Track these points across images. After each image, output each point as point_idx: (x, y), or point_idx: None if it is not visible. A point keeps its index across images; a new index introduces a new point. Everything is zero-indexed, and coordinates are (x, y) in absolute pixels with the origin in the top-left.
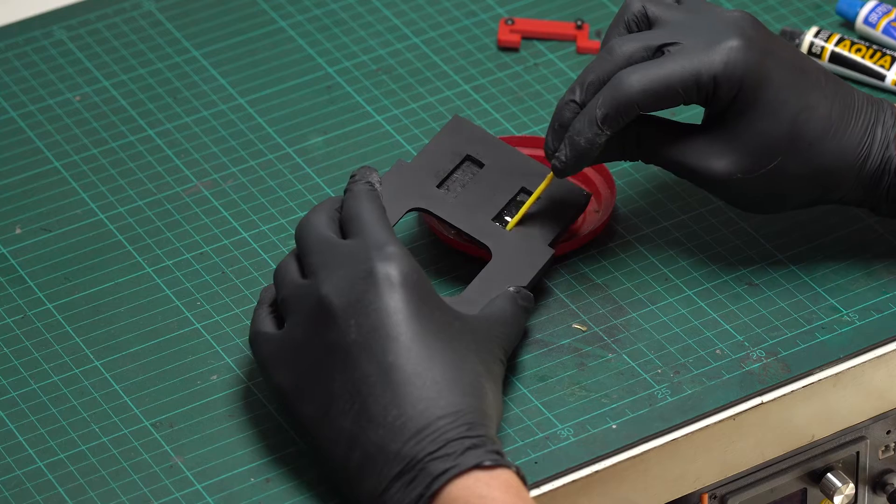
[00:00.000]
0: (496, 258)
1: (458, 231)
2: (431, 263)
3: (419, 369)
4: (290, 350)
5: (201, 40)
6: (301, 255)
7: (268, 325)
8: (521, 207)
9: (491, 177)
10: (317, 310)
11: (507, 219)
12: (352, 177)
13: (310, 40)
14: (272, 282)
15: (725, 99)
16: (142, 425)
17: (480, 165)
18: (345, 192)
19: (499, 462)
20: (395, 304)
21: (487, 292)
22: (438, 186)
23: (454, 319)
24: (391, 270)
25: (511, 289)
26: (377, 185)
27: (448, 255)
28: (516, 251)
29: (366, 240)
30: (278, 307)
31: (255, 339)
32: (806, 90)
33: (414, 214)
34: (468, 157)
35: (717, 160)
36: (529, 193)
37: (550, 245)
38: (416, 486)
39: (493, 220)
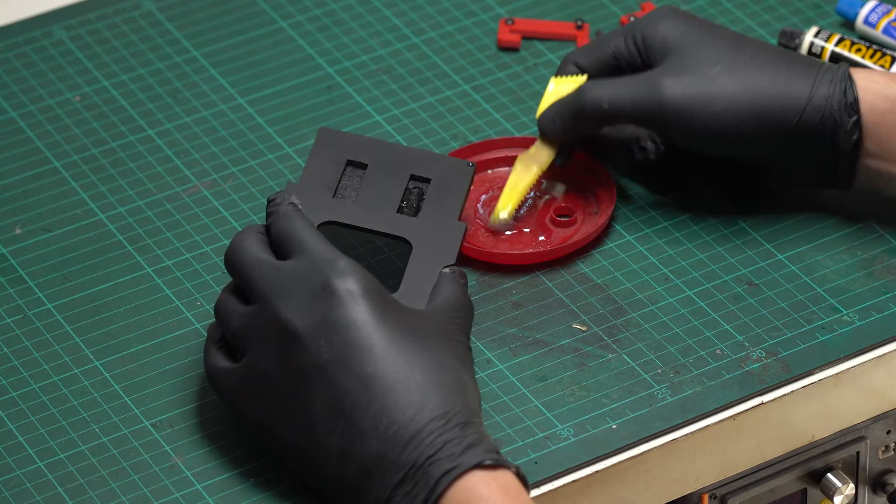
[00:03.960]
0: (417, 247)
1: (377, 234)
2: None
3: (400, 376)
4: (255, 381)
5: (201, 40)
6: (242, 284)
7: (222, 360)
8: (420, 197)
9: (378, 174)
10: (279, 336)
11: (406, 211)
12: (270, 201)
13: (310, 40)
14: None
15: (658, 49)
16: (142, 425)
17: (363, 167)
18: (268, 215)
19: (498, 461)
20: (362, 317)
21: (422, 280)
22: (333, 197)
23: (419, 320)
24: (350, 284)
25: (446, 270)
26: (299, 205)
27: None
28: (432, 235)
29: (312, 258)
30: (229, 341)
31: (214, 375)
32: (741, 37)
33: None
34: (349, 163)
35: (666, 82)
36: (421, 179)
37: (459, 220)
38: (419, 492)
39: (396, 212)
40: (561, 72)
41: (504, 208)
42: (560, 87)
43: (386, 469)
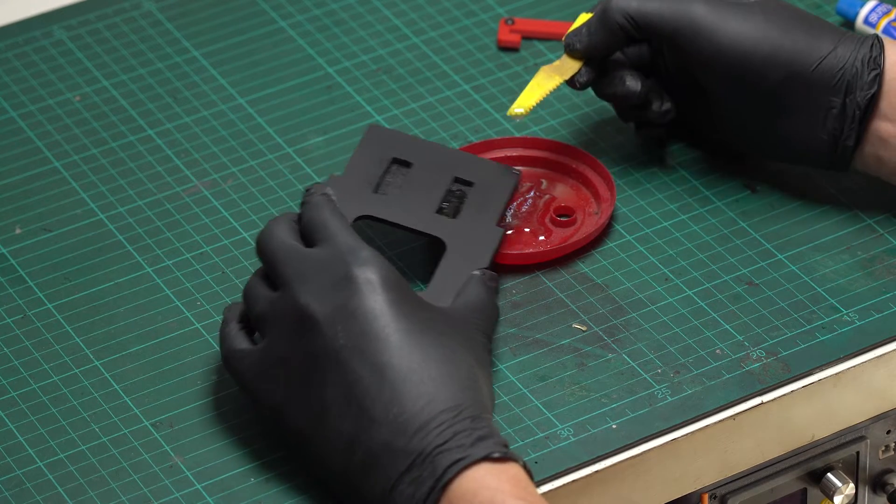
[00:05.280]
0: (451, 247)
1: (414, 231)
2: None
3: (414, 366)
4: (272, 364)
5: (201, 40)
6: (269, 268)
7: (241, 342)
8: (461, 200)
9: (421, 173)
10: (298, 320)
11: (446, 211)
12: (307, 191)
13: (310, 40)
14: (234, 299)
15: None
16: (142, 425)
17: (408, 165)
18: (301, 204)
19: (507, 454)
20: (379, 306)
21: (451, 281)
22: (375, 192)
23: (438, 315)
24: (370, 274)
25: (476, 272)
26: (333, 197)
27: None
28: (468, 237)
29: (337, 246)
30: (253, 324)
31: (231, 357)
32: None
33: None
34: (395, 160)
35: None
36: (464, 182)
37: (497, 225)
38: (426, 480)
39: (435, 212)
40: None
41: (521, 105)
42: (587, 16)
43: (393, 456)
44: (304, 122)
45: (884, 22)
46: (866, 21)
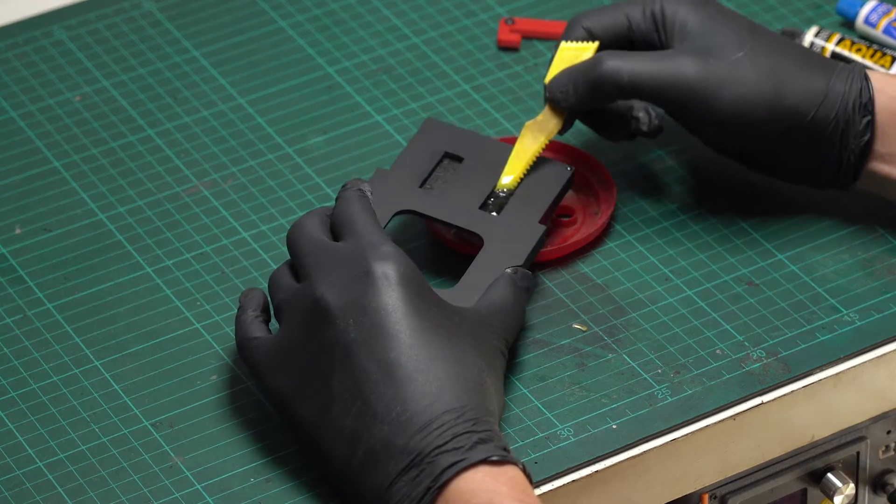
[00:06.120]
0: (488, 243)
1: (451, 227)
2: (430, 264)
3: (421, 366)
4: (285, 353)
5: (201, 40)
6: (294, 260)
7: (256, 330)
8: (508, 194)
9: (472, 169)
10: (313, 311)
11: (491, 207)
12: (343, 187)
13: (310, 40)
14: (257, 286)
15: (677, 26)
16: (142, 425)
17: (460, 160)
18: (336, 200)
19: (506, 458)
20: (393, 302)
21: (484, 278)
22: (420, 187)
23: (453, 315)
24: (388, 269)
25: (508, 270)
26: (368, 193)
27: (447, 256)
28: (507, 233)
29: (360, 241)
30: (273, 313)
31: (245, 344)
32: (755, 24)
33: (402, 219)
34: (446, 155)
35: (691, 61)
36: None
37: (540, 222)
38: (423, 479)
39: (479, 208)
40: (569, 35)
41: (509, 175)
42: (569, 54)
43: (392, 455)
44: (304, 122)
45: (884, 22)
46: (866, 21)
